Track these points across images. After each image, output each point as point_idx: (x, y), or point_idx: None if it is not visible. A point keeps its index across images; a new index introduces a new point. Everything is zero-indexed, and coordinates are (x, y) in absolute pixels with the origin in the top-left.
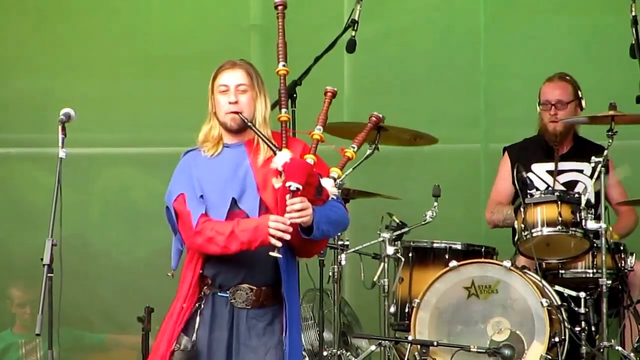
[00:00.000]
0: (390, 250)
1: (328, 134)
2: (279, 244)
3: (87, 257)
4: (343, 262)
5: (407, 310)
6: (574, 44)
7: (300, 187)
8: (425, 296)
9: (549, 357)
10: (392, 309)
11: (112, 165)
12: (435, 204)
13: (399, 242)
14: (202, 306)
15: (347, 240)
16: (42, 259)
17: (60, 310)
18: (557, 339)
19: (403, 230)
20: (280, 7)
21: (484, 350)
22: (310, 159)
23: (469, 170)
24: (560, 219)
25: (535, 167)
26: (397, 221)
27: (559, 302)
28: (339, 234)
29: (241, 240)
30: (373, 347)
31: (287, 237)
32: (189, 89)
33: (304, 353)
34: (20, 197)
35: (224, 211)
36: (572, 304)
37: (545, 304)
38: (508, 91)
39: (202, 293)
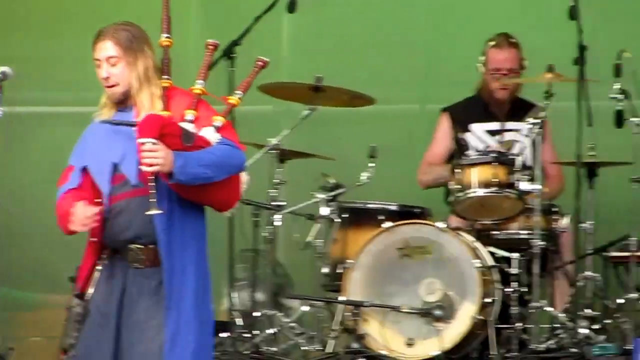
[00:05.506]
0: (324, 211)
1: (265, 94)
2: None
3: (21, 215)
4: (277, 223)
5: (340, 271)
6: (513, 4)
7: (151, 140)
8: (359, 257)
9: (480, 317)
10: (325, 270)
11: (48, 125)
12: (372, 165)
13: (335, 202)
14: (101, 267)
15: (283, 200)
16: None
17: None
18: (488, 300)
19: (338, 191)
20: None
21: (415, 311)
22: (190, 114)
23: (407, 132)
24: (495, 180)
25: (473, 127)
26: (332, 182)
27: (492, 263)
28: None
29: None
30: (305, 308)
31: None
32: None
33: (235, 313)
34: None
35: (107, 177)
36: (505, 265)
37: (477, 265)
38: (447, 52)
39: (102, 254)
